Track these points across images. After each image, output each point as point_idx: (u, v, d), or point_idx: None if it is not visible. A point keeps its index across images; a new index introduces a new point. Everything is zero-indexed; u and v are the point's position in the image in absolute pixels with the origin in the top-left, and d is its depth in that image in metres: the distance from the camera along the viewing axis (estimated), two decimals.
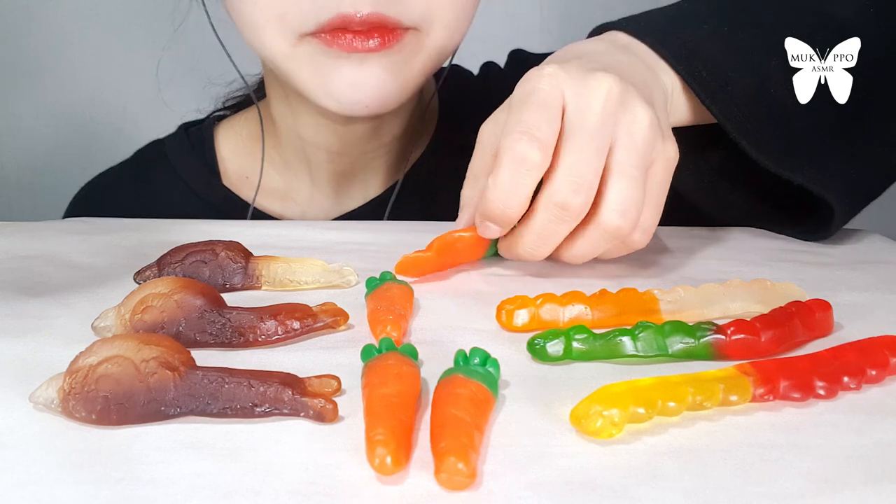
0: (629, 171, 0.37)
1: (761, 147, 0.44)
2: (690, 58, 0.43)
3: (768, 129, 0.44)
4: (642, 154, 0.37)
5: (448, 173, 0.62)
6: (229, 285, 0.39)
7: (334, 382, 0.28)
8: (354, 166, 0.61)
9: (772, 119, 0.44)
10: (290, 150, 0.62)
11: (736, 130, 0.43)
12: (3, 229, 0.48)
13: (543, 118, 0.36)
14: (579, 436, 0.26)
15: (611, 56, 0.42)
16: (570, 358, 0.31)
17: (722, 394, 0.27)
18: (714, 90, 0.43)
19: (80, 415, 0.26)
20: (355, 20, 0.47)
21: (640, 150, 0.37)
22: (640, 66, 0.42)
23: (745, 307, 0.36)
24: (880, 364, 0.30)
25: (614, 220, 0.37)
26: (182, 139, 0.66)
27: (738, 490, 0.23)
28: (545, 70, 0.38)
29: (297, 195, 0.63)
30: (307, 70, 0.50)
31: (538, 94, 0.37)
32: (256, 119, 0.64)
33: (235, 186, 0.64)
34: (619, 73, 0.38)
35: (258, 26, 0.49)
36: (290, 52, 0.49)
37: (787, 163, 0.44)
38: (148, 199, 0.65)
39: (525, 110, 0.37)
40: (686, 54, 0.43)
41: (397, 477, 0.24)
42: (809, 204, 0.47)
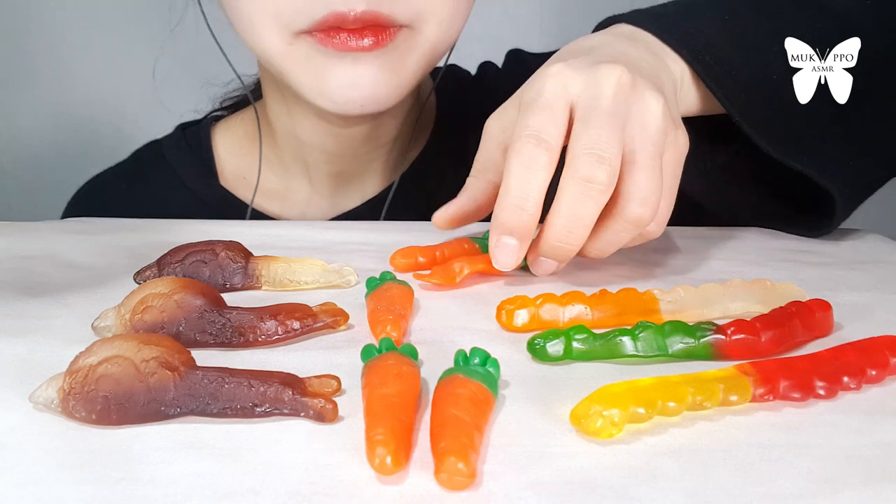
0: (646, 160, 0.37)
1: (765, 133, 0.44)
2: (695, 45, 0.43)
3: (772, 116, 0.44)
4: (657, 143, 0.37)
5: (446, 173, 0.62)
6: (229, 285, 0.39)
7: (334, 382, 0.28)
8: (352, 167, 0.61)
9: (775, 106, 0.44)
10: (286, 150, 0.62)
11: (741, 115, 0.43)
12: (2, 229, 0.48)
13: (549, 121, 0.36)
14: (579, 436, 0.26)
15: (618, 47, 0.41)
16: (570, 358, 0.31)
17: (722, 394, 0.27)
18: (719, 76, 0.43)
19: (80, 415, 0.26)
20: (349, 18, 0.47)
21: (655, 139, 0.37)
22: (647, 56, 0.42)
23: (745, 307, 0.36)
24: (880, 364, 0.30)
25: (636, 209, 0.36)
26: (179, 139, 0.66)
27: (738, 490, 0.23)
28: (551, 70, 0.38)
29: (294, 196, 0.63)
30: (302, 69, 0.50)
31: (543, 97, 0.37)
32: (253, 119, 0.64)
33: (232, 186, 0.64)
34: (628, 63, 0.38)
35: (254, 24, 0.49)
36: (285, 50, 0.49)
37: (790, 150, 0.44)
38: (145, 200, 0.65)
39: (531, 114, 0.37)
40: (691, 41, 0.44)
41: (397, 477, 0.24)
42: (811, 200, 0.47)
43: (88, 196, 0.69)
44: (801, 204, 0.49)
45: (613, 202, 0.37)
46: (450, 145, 0.62)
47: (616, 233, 0.38)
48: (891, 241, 0.49)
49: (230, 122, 0.67)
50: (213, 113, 0.70)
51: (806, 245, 0.47)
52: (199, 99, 0.72)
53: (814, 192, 0.46)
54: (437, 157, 0.63)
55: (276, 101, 0.60)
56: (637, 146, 0.37)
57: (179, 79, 1.08)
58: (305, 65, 0.50)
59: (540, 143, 0.36)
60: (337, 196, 0.63)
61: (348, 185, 0.62)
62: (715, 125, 0.47)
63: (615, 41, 0.42)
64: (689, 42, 0.44)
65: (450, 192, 0.44)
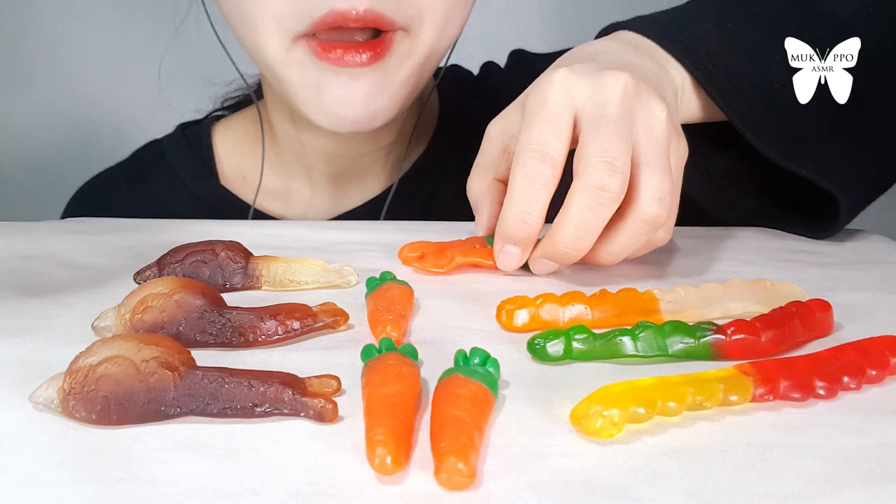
0: (657, 161, 0.37)
1: (767, 140, 0.44)
2: (696, 52, 0.44)
3: (773, 122, 0.44)
4: (664, 145, 0.37)
5: (448, 173, 0.62)
6: (229, 285, 0.39)
7: (334, 382, 0.28)
8: (352, 168, 0.61)
9: (776, 112, 0.45)
10: (287, 151, 0.62)
11: (742, 122, 0.44)
12: (2, 229, 0.48)
13: (553, 133, 0.37)
14: (579, 436, 0.26)
15: (622, 54, 0.42)
16: (570, 358, 0.31)
17: (722, 394, 0.27)
18: (720, 83, 0.44)
19: (80, 415, 0.26)
20: (351, 17, 0.46)
21: (662, 142, 0.37)
22: (649, 63, 0.42)
23: (745, 307, 0.36)
24: (880, 364, 0.30)
25: (653, 208, 0.36)
26: (179, 139, 0.66)
27: (738, 490, 0.23)
28: (555, 76, 0.38)
29: (295, 196, 0.63)
30: (298, 79, 0.50)
31: (548, 107, 0.37)
32: (254, 119, 0.64)
33: (233, 186, 0.64)
34: (632, 70, 0.38)
35: (256, 27, 0.49)
36: (283, 57, 0.49)
37: (792, 155, 0.44)
38: (145, 199, 0.65)
39: (535, 126, 0.37)
40: (692, 49, 0.44)
41: (397, 477, 0.24)
42: (815, 202, 0.47)
43: (88, 196, 0.68)
44: (805, 206, 0.49)
45: (626, 205, 0.37)
46: (451, 146, 0.62)
47: (630, 234, 0.38)
48: (891, 242, 0.49)
49: (230, 121, 0.67)
50: (214, 113, 0.70)
51: (806, 245, 0.47)
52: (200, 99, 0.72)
53: (817, 194, 0.46)
54: (439, 157, 0.63)
55: (277, 104, 0.60)
56: (646, 148, 0.37)
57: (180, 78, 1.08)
58: (301, 74, 0.50)
59: (545, 159, 0.36)
60: (338, 196, 0.63)
61: (349, 186, 0.62)
62: (716, 130, 0.47)
63: (618, 48, 0.43)
64: (690, 50, 0.44)
65: (450, 192, 0.44)
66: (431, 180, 0.63)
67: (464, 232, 0.47)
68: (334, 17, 0.46)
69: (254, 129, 0.64)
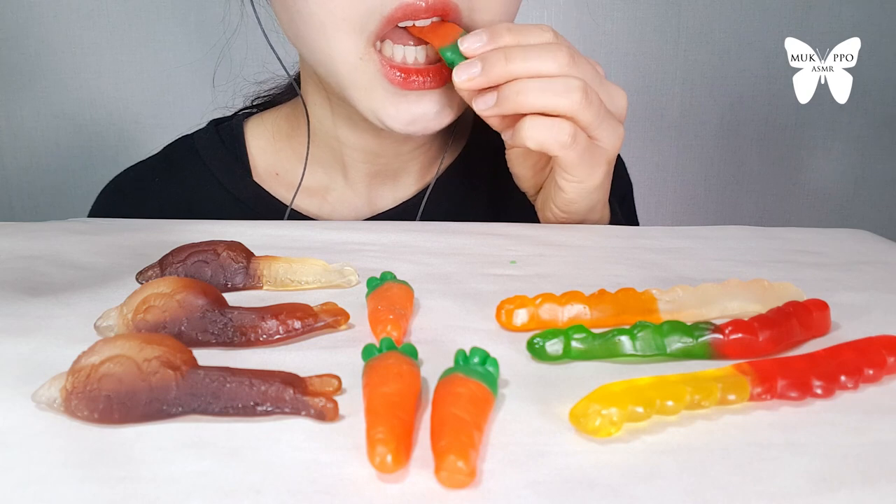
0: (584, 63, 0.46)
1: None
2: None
3: None
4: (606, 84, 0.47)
5: (482, 175, 0.63)
6: (231, 285, 0.39)
7: (335, 381, 0.28)
8: (389, 166, 0.61)
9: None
10: (324, 149, 0.62)
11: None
12: (4, 229, 0.49)
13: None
14: (578, 434, 0.26)
15: None
16: (569, 357, 0.31)
17: (720, 393, 0.27)
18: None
19: (83, 414, 0.27)
20: (421, 8, 0.47)
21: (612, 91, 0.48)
22: None
23: (743, 307, 0.36)
24: (878, 363, 0.30)
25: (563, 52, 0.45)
26: (212, 134, 0.66)
27: (735, 488, 0.23)
28: None
29: (329, 194, 0.63)
30: (364, 91, 0.51)
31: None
32: (286, 116, 0.64)
33: (266, 183, 0.64)
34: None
35: (325, 31, 0.49)
36: (355, 64, 0.50)
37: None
38: (178, 194, 0.64)
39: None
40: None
41: (398, 475, 0.24)
42: None
43: (122, 190, 0.67)
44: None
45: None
46: (486, 147, 0.63)
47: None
48: (889, 242, 0.49)
49: (263, 118, 0.67)
50: (244, 110, 0.69)
51: (804, 245, 0.47)
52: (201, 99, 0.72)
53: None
54: (474, 158, 0.64)
55: (318, 104, 0.60)
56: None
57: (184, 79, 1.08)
58: (368, 89, 0.50)
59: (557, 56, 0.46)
60: (372, 195, 0.63)
61: (384, 185, 0.62)
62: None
63: None
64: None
65: (484, 194, 0.45)
66: (465, 181, 0.63)
67: (459, 233, 0.47)
68: (404, 10, 0.47)
69: (286, 125, 0.64)
